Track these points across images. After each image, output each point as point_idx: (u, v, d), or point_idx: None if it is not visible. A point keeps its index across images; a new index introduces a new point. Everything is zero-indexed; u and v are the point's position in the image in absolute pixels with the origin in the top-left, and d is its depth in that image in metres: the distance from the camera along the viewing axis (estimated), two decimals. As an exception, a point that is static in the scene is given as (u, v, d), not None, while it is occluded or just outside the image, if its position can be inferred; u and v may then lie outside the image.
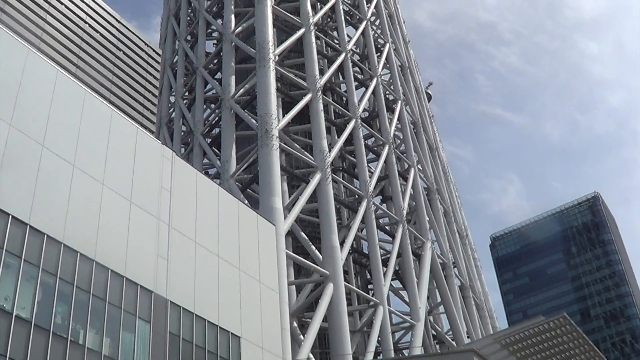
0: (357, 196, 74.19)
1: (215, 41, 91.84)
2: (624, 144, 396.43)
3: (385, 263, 70.20)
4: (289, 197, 66.52)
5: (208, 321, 38.92)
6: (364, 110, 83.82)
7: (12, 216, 30.09)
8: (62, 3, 46.92)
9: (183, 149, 79.70)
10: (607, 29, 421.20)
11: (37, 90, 33.69)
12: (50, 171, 32.83)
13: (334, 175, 70.41)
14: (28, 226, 30.50)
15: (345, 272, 68.54)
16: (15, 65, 33.40)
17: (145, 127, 45.00)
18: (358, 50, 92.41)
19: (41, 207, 31.52)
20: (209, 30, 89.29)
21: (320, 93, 73.11)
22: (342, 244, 64.30)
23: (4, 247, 29.14)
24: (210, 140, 76.27)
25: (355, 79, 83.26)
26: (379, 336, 63.25)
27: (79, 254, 32.45)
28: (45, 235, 31.16)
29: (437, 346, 76.28)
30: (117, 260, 34.54)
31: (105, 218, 35.01)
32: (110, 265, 33.95)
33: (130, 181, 37.94)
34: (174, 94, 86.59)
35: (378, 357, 65.32)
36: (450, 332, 77.30)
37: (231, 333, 40.28)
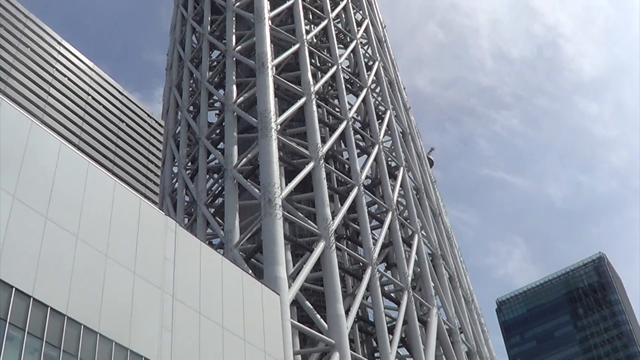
0: (361, 264, 73.60)
1: (217, 111, 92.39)
2: (627, 203, 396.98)
3: (391, 330, 69.32)
4: (293, 265, 66.03)
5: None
6: (367, 177, 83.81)
7: (16, 288, 29.86)
8: (65, 75, 47.60)
9: (186, 219, 79.48)
10: (607, 90, 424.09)
11: (41, 162, 33.73)
12: (54, 243, 32.67)
13: (337, 243, 70.02)
14: (31, 298, 30.25)
15: (351, 341, 67.70)
16: (18, 137, 33.51)
17: (149, 198, 45.08)
18: (359, 118, 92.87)
19: (45, 279, 31.30)
20: (211, 101, 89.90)
21: (322, 161, 73.22)
22: (347, 312, 63.56)
23: (7, 320, 28.83)
24: (213, 210, 76.09)
25: (357, 146, 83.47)
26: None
27: (82, 326, 32.11)
28: (49, 308, 30.89)
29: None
30: (121, 333, 34.15)
31: (109, 290, 34.74)
32: (114, 338, 33.56)
33: (133, 252, 37.75)
34: (176, 164, 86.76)
35: None
36: (459, 400, 75.98)
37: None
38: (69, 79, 50.38)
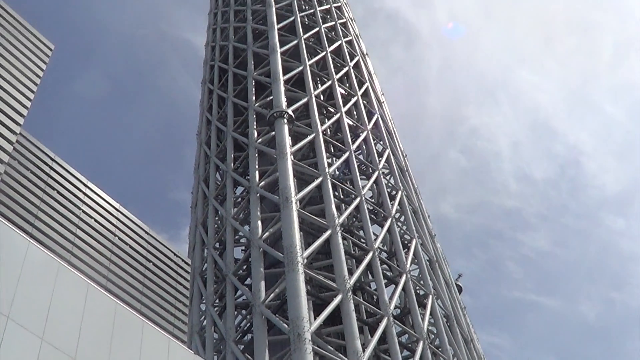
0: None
1: (243, 247, 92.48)
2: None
3: None
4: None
5: None
6: (396, 307, 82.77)
7: None
8: (91, 217, 48.15)
9: (216, 357, 78.30)
10: (632, 203, 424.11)
11: (68, 303, 33.68)
12: (82, 386, 32.15)
13: (370, 376, 68.55)
14: None
15: None
16: (46, 280, 33.61)
17: (177, 337, 44.57)
18: (385, 248, 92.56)
19: None
20: (237, 237, 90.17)
21: (350, 293, 72.57)
22: None
23: None
24: (242, 346, 75.10)
25: (385, 276, 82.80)
26: None
27: None
28: None
29: None
30: None
31: None
32: None
33: (163, 392, 37.05)
34: (204, 302, 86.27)
35: None
36: None
37: None
38: (96, 220, 50.96)
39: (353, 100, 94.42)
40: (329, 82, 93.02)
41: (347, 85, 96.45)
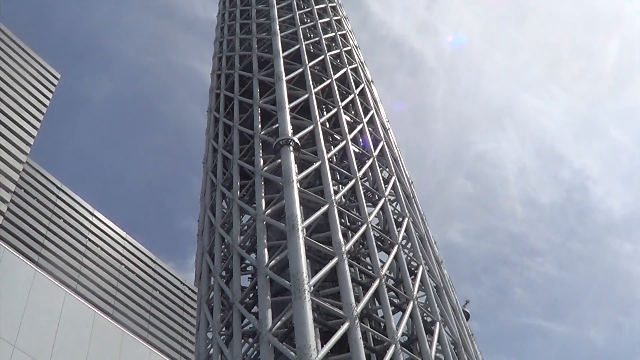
0: None
1: (249, 275, 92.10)
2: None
3: None
4: None
5: None
6: (403, 334, 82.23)
7: None
8: (98, 246, 48.33)
9: (222, 385, 77.86)
10: (639, 227, 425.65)
11: (75, 331, 33.78)
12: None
13: (377, 403, 68.10)
14: None
15: None
16: (53, 307, 33.72)
17: (183, 365, 44.51)
18: (392, 275, 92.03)
19: None
20: (243, 265, 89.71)
21: (357, 321, 72.18)
22: None
23: None
24: (249, 375, 74.68)
25: (392, 303, 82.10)
26: None
27: None
28: None
29: None
30: None
31: None
32: None
33: (169, 422, 37.01)
34: (211, 330, 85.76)
35: None
36: None
37: None
38: (102, 249, 51.08)
39: (359, 127, 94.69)
40: (335, 110, 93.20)
41: (353, 112, 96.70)
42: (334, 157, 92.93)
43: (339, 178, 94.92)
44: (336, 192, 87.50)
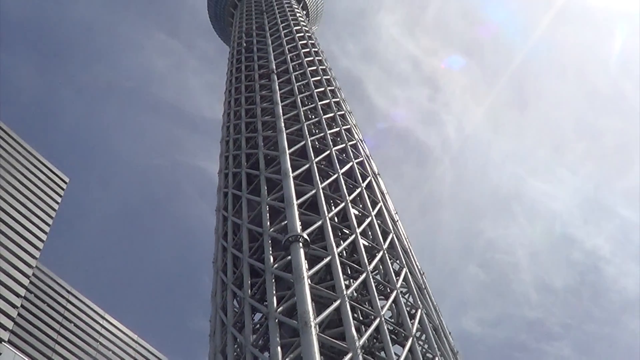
0: None
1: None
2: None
3: None
4: None
5: None
6: None
7: None
8: (109, 349, 47.76)
9: None
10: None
11: None
12: None
13: None
14: None
15: None
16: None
17: None
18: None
19: None
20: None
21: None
22: None
23: None
24: None
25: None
26: None
27: None
28: None
29: None
30: None
31: None
32: None
33: None
34: None
35: None
36: None
37: None
38: (114, 352, 50.58)
39: (367, 220, 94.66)
40: (342, 204, 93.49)
41: (361, 206, 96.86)
42: (344, 252, 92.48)
43: (349, 272, 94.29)
44: (347, 287, 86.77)
